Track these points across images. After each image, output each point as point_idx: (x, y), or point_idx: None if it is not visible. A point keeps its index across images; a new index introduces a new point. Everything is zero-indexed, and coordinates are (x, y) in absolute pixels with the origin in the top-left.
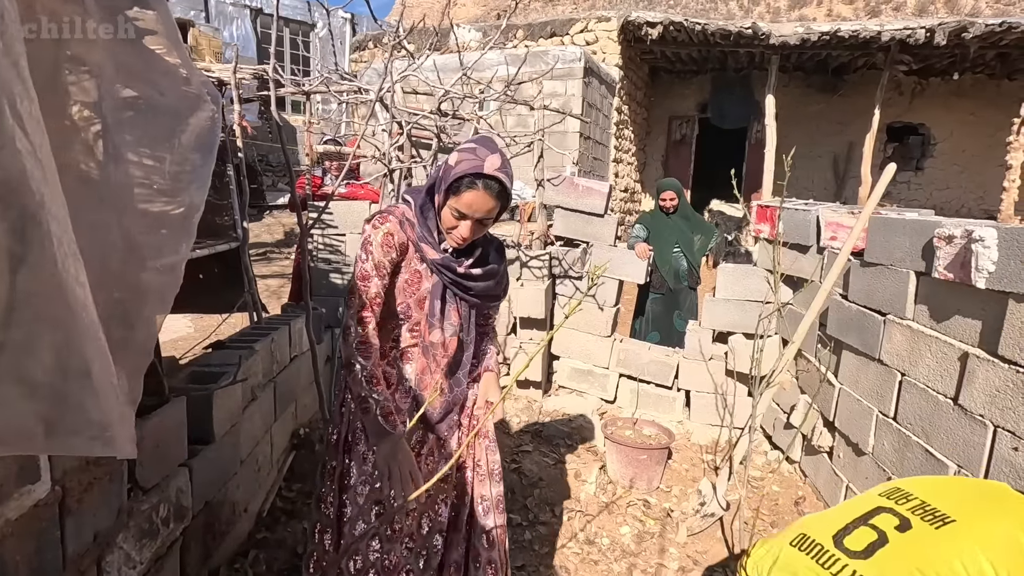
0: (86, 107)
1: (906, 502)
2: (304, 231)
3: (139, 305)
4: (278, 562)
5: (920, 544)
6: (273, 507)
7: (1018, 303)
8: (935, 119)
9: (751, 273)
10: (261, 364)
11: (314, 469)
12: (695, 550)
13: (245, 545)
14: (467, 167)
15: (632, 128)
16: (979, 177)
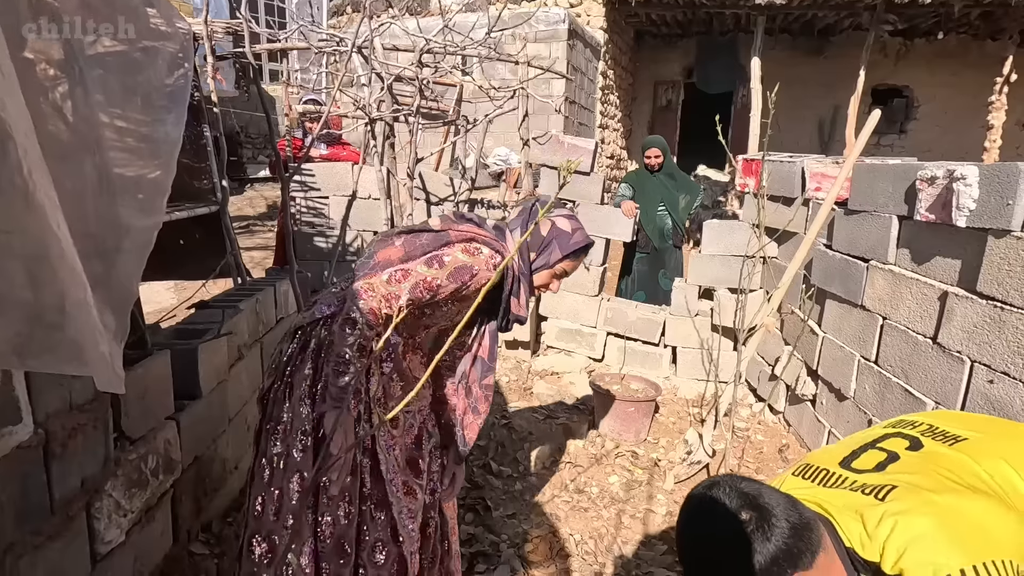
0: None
1: (913, 428)
2: (286, 193)
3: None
4: None
5: (936, 457)
6: None
7: (997, 239)
8: (919, 81)
9: (736, 228)
10: (247, 324)
11: None
12: (681, 496)
13: (237, 501)
14: (583, 237)
15: (618, 94)
16: (961, 139)
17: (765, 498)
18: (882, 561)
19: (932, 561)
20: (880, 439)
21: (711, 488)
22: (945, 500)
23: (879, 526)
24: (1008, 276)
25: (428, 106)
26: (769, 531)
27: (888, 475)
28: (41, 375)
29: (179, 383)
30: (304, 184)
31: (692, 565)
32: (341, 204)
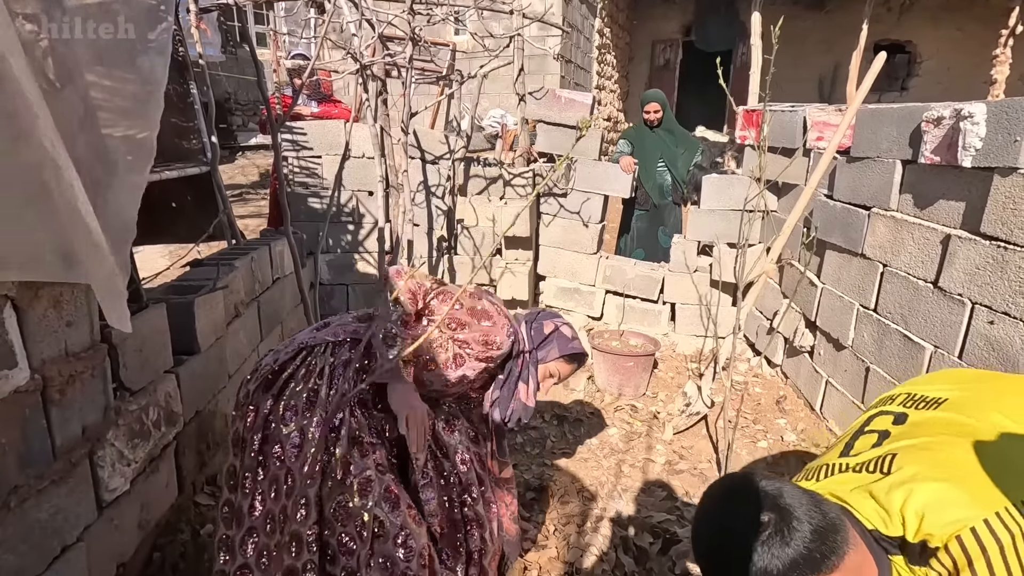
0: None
1: (892, 402)
2: (277, 142)
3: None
4: None
5: (924, 423)
6: None
7: (1003, 177)
8: (922, 36)
9: (736, 182)
10: (243, 282)
11: None
12: (680, 446)
13: None
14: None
15: (615, 53)
16: (963, 96)
17: (787, 498)
18: (905, 532)
19: (954, 519)
20: (866, 423)
21: (731, 485)
22: (947, 455)
23: (890, 498)
24: (1013, 215)
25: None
26: (789, 535)
27: (884, 448)
28: (32, 322)
29: (177, 338)
30: (296, 143)
31: (706, 563)
32: (334, 163)
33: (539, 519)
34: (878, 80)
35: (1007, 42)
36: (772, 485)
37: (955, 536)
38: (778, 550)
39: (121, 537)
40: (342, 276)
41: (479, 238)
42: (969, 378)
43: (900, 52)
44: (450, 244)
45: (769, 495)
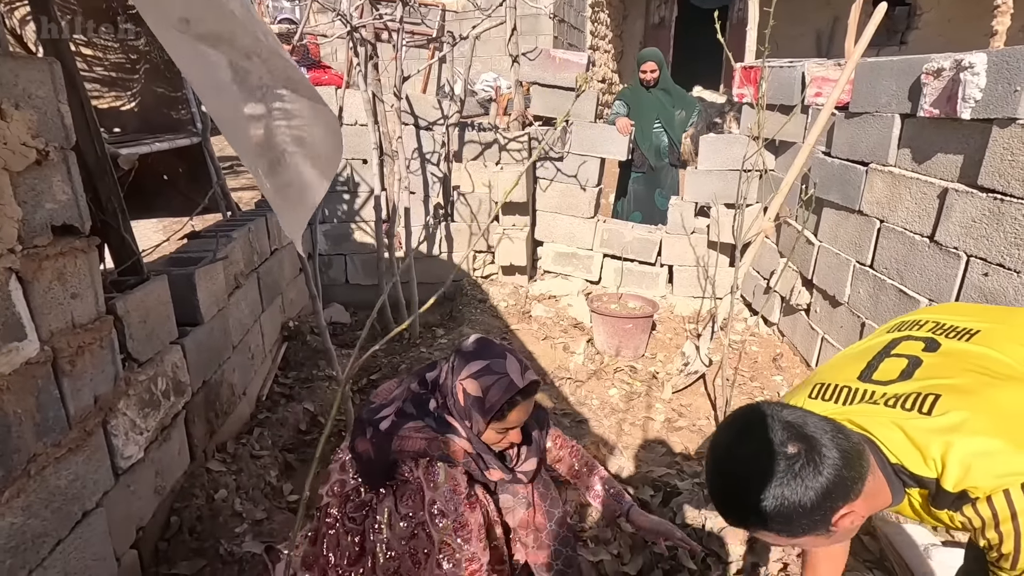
0: None
1: (919, 328)
2: None
3: None
4: (282, 439)
5: (961, 355)
6: (271, 392)
7: (1002, 128)
8: None
9: (734, 141)
10: (242, 252)
11: (307, 358)
12: (680, 404)
13: (248, 424)
14: (501, 394)
15: (608, 11)
16: (963, 48)
17: (811, 427)
18: (943, 479)
19: (1004, 472)
20: (892, 345)
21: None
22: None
23: (930, 441)
24: (1011, 166)
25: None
26: (821, 463)
27: (919, 382)
28: (38, 295)
29: (180, 309)
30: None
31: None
32: None
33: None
34: (877, 34)
35: None
36: (793, 414)
37: (1003, 490)
38: (811, 480)
39: (138, 502)
40: (340, 246)
41: (476, 204)
42: (994, 312)
43: (900, 4)
44: (447, 211)
45: (793, 426)
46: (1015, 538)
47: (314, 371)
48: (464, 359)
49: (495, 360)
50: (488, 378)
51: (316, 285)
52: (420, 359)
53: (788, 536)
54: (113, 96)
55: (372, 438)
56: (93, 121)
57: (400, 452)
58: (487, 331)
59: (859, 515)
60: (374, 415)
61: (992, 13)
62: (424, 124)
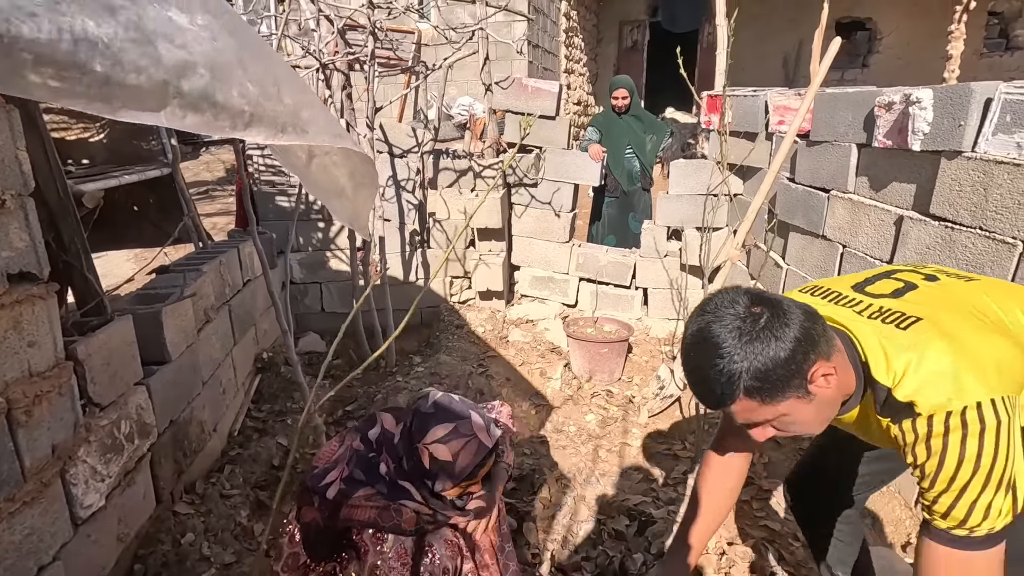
0: None
1: (925, 268)
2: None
3: None
4: (255, 476)
5: (955, 289)
6: (244, 427)
7: (949, 160)
8: (881, 12)
9: (703, 167)
10: (212, 286)
11: (282, 390)
12: (656, 428)
13: (219, 462)
14: (472, 458)
15: (582, 36)
16: (922, 71)
17: (775, 296)
18: (896, 388)
19: (951, 396)
20: (894, 271)
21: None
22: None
23: (898, 352)
24: (959, 196)
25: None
26: (786, 317)
27: (907, 303)
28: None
29: (146, 348)
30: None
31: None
32: None
33: (520, 508)
34: (840, 57)
35: (960, 17)
36: (752, 288)
37: (945, 411)
38: (780, 331)
39: (100, 552)
40: (315, 274)
41: (451, 231)
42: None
43: (861, 29)
44: (423, 238)
45: (758, 294)
46: (940, 456)
47: (289, 403)
48: (425, 422)
49: (461, 422)
50: (457, 442)
51: (287, 317)
52: (396, 388)
53: (769, 400)
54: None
55: (320, 507)
56: (55, 161)
57: (348, 521)
58: (464, 357)
59: (834, 377)
60: (318, 481)
61: (947, 38)
62: (399, 152)
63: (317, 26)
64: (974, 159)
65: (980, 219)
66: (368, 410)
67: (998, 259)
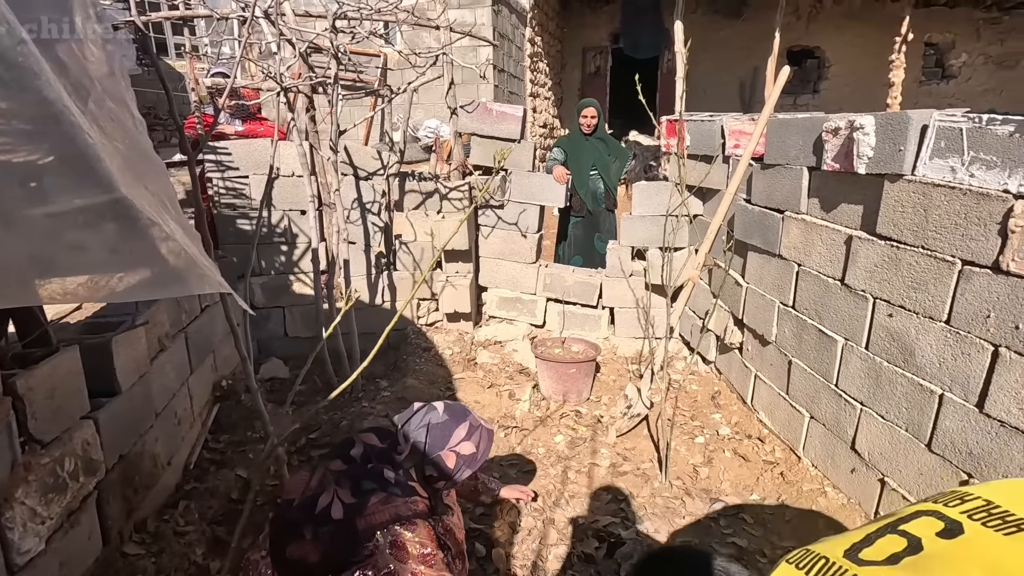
0: None
1: (961, 503)
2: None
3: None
4: (212, 511)
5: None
6: (201, 459)
7: (892, 183)
8: (829, 42)
9: (664, 188)
10: (167, 313)
11: (242, 419)
12: (624, 448)
13: (174, 497)
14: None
15: (547, 61)
16: (868, 97)
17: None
18: None
19: None
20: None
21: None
22: None
23: None
24: (902, 217)
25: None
26: None
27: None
28: None
29: (94, 379)
30: (221, 163)
31: None
32: (262, 183)
33: (490, 534)
34: (793, 84)
35: (900, 48)
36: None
37: None
38: None
39: None
40: (277, 299)
41: (418, 253)
42: None
43: (811, 57)
44: (389, 260)
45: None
46: None
47: (249, 433)
48: (446, 429)
49: (471, 417)
50: (476, 435)
51: (247, 345)
52: (362, 414)
53: None
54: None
55: (317, 537)
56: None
57: (369, 529)
58: (432, 381)
59: None
60: (311, 510)
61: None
62: (364, 174)
63: (279, 49)
64: (914, 182)
65: (922, 238)
66: (332, 437)
67: (940, 277)
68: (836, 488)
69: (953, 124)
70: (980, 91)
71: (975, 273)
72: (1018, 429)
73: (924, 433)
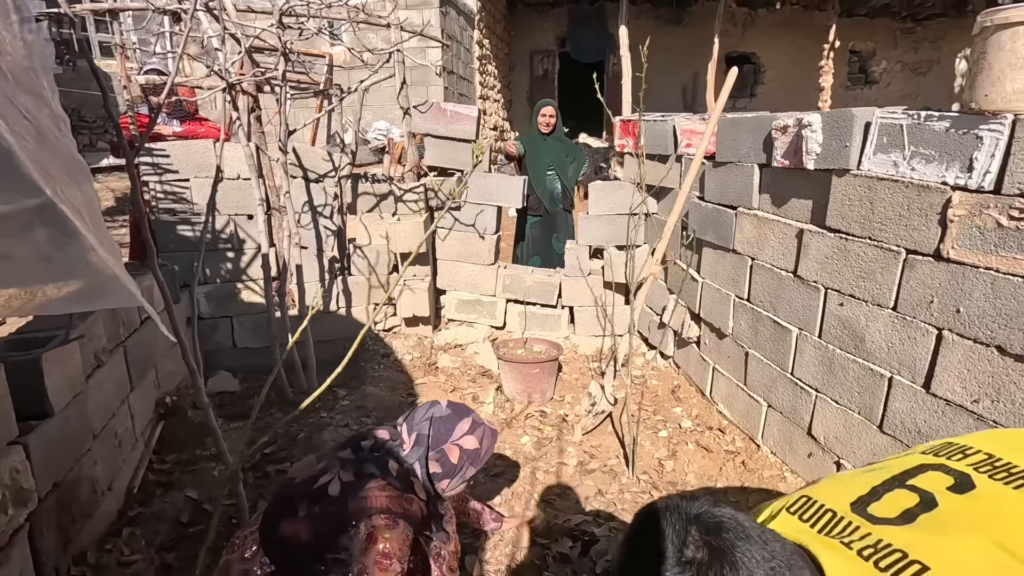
0: None
1: (963, 457)
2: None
3: None
4: (160, 536)
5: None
6: (145, 481)
7: (839, 178)
8: (764, 48)
9: (620, 187)
10: (104, 327)
11: (190, 437)
12: (590, 445)
13: (117, 524)
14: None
15: (495, 63)
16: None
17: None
18: None
19: None
20: (913, 472)
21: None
22: None
23: None
24: (849, 210)
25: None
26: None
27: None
28: None
29: (22, 401)
30: (158, 166)
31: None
32: (205, 187)
33: (461, 541)
34: (732, 88)
35: (829, 55)
36: (712, 515)
37: None
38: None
39: None
40: (224, 308)
41: (373, 257)
42: None
43: (747, 63)
44: (343, 265)
45: (704, 526)
46: None
47: (198, 451)
48: (449, 422)
49: (475, 414)
50: (480, 431)
51: (196, 357)
52: (321, 425)
53: None
54: None
55: (309, 514)
56: None
57: (359, 512)
58: (393, 387)
59: None
60: (309, 487)
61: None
62: (314, 176)
63: (222, 44)
64: (860, 176)
65: (869, 230)
66: (290, 450)
67: (886, 266)
68: (795, 473)
69: (894, 121)
70: (899, 96)
71: (918, 261)
72: (963, 407)
73: (876, 415)
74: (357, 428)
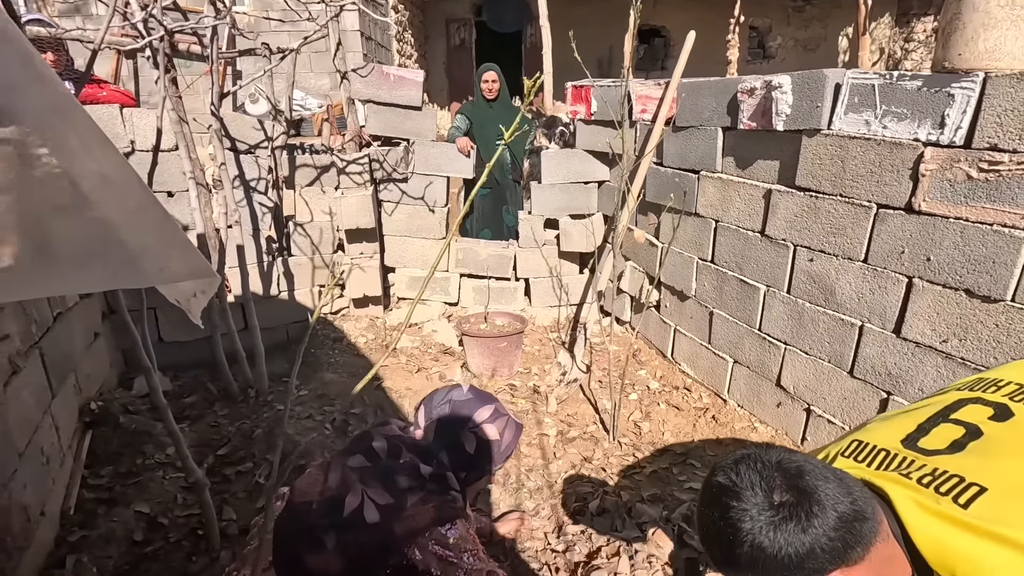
0: None
1: (997, 389)
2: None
3: None
4: (112, 560)
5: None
6: (82, 500)
7: (809, 138)
8: (673, 22)
9: (573, 155)
10: (15, 323)
11: (126, 445)
12: (566, 414)
13: (57, 553)
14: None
15: (411, 31)
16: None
17: (810, 477)
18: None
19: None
20: (954, 406)
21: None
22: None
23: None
24: (820, 169)
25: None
26: (807, 521)
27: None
28: None
29: None
30: None
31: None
32: None
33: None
34: (643, 61)
35: (735, 29)
36: (791, 461)
37: None
38: (793, 536)
39: None
40: (147, 298)
41: (316, 235)
42: None
43: (658, 36)
44: (281, 245)
45: (788, 473)
46: None
47: (139, 460)
48: (470, 407)
49: (499, 404)
50: (500, 421)
51: (149, 352)
52: (279, 418)
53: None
54: None
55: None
56: None
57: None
58: (353, 372)
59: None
60: (334, 515)
61: (725, 46)
62: (244, 148)
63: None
64: (831, 135)
65: (840, 187)
66: (246, 450)
67: (857, 220)
68: (764, 423)
69: (866, 81)
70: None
71: (889, 215)
72: (932, 347)
73: (846, 362)
74: (322, 419)
